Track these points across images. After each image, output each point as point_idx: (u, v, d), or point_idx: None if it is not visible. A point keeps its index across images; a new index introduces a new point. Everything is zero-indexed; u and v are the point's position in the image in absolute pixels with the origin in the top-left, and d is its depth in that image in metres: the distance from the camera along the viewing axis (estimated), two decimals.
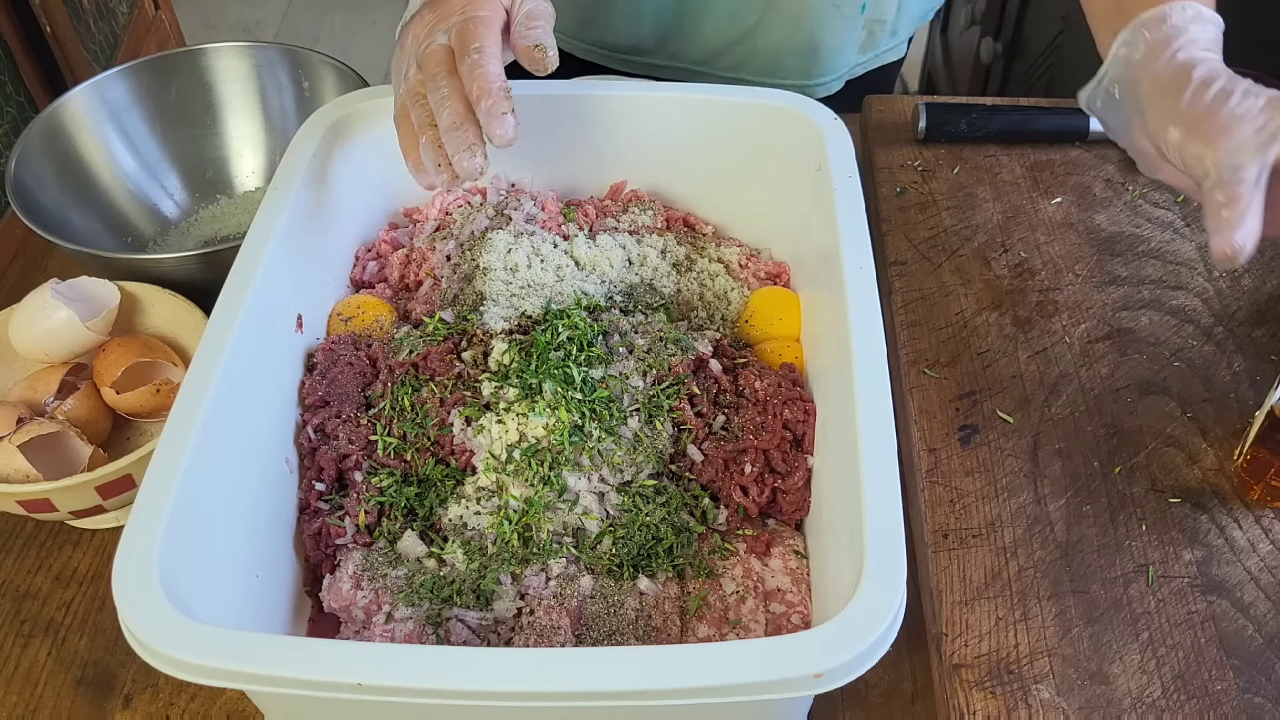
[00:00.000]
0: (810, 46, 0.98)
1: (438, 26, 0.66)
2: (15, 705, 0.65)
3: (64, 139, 0.90)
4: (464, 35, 0.64)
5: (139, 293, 0.79)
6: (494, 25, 0.65)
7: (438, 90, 0.63)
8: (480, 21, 0.64)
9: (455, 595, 0.61)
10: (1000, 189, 0.93)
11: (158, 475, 0.53)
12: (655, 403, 0.66)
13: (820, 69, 1.01)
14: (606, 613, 0.60)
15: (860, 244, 0.65)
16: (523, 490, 0.63)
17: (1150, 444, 0.73)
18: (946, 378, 0.77)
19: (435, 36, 0.66)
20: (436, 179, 0.64)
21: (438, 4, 0.67)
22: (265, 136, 1.00)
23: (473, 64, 0.62)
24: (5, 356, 0.78)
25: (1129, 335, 0.80)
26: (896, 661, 0.66)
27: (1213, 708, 0.60)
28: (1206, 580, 0.65)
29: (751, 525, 0.66)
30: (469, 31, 0.64)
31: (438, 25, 0.66)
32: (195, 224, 0.97)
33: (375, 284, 0.80)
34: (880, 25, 1.01)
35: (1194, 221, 0.89)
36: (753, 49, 0.99)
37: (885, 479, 0.53)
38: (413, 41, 0.67)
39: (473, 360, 0.69)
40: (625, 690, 0.46)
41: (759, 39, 0.98)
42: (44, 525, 0.74)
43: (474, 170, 0.63)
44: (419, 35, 0.67)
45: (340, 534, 0.65)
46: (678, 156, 0.81)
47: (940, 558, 0.67)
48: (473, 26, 0.64)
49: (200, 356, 0.59)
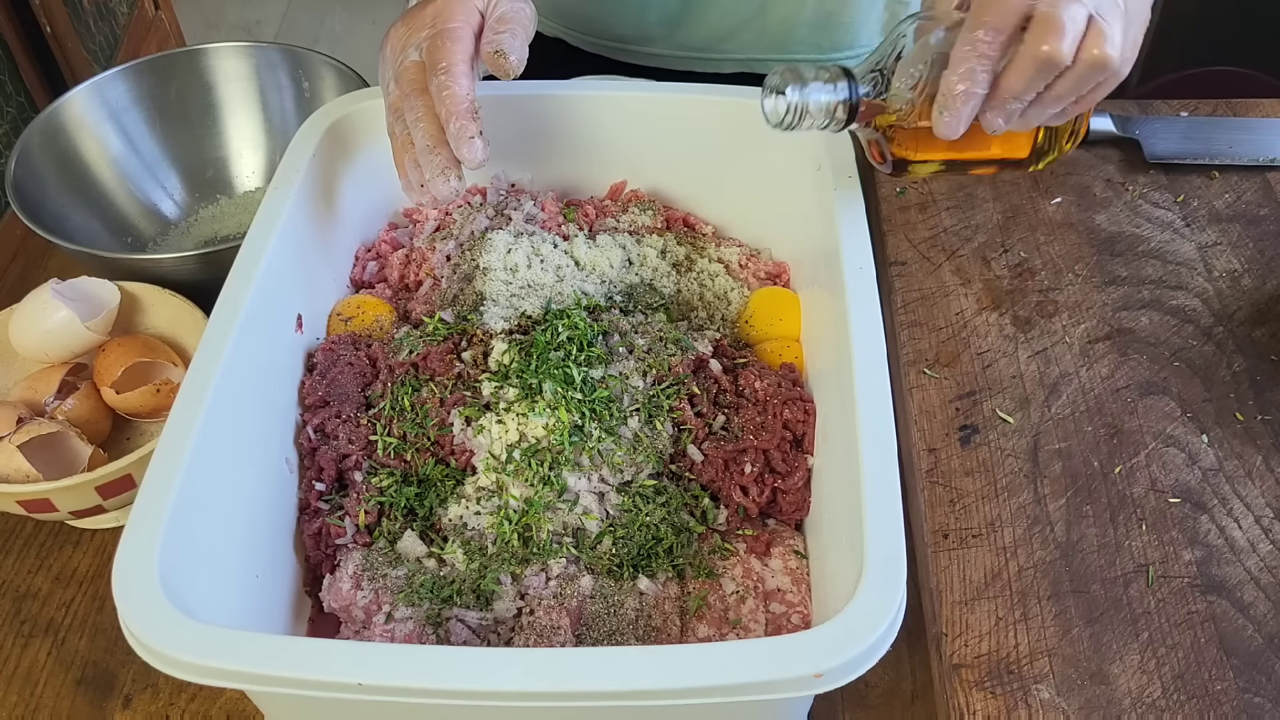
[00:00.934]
0: (822, 17, 0.97)
1: (410, 40, 0.66)
2: (15, 705, 0.65)
3: (64, 139, 0.90)
4: (433, 52, 0.64)
5: (139, 293, 0.79)
6: (463, 37, 0.64)
7: (413, 111, 0.64)
8: (449, 35, 0.64)
9: (455, 595, 0.61)
10: (1000, 189, 0.93)
11: (158, 475, 0.53)
12: (655, 403, 0.66)
13: (834, 41, 1.00)
14: (606, 613, 0.60)
15: (860, 244, 0.65)
16: (523, 490, 0.63)
17: (1150, 444, 0.73)
18: (946, 378, 0.77)
19: (408, 52, 0.66)
20: (422, 198, 0.65)
21: (411, 16, 0.67)
22: (265, 136, 1.00)
23: (440, 85, 0.63)
24: (5, 356, 0.78)
25: (1129, 335, 0.80)
26: (896, 661, 0.66)
27: (1213, 708, 0.60)
28: (1206, 580, 0.65)
29: (751, 525, 0.66)
30: (437, 49, 0.63)
31: (410, 39, 0.66)
32: (195, 224, 0.97)
33: (375, 284, 0.80)
34: (903, 6, 1.00)
35: (1194, 221, 0.89)
36: (762, 27, 0.98)
37: (885, 479, 0.53)
38: (390, 53, 0.67)
39: (473, 360, 0.69)
40: (625, 690, 0.46)
41: (769, 15, 0.97)
42: (44, 525, 0.74)
43: (449, 194, 0.64)
44: (395, 48, 0.67)
45: (340, 534, 0.65)
46: (678, 156, 0.81)
47: (940, 558, 0.67)
48: (441, 43, 0.63)
49: (200, 356, 0.59)
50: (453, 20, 0.65)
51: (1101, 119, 0.96)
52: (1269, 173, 0.93)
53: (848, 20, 0.98)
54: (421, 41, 0.65)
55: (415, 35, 0.66)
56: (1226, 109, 1.00)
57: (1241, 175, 0.93)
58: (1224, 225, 0.89)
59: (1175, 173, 0.94)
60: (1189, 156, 0.94)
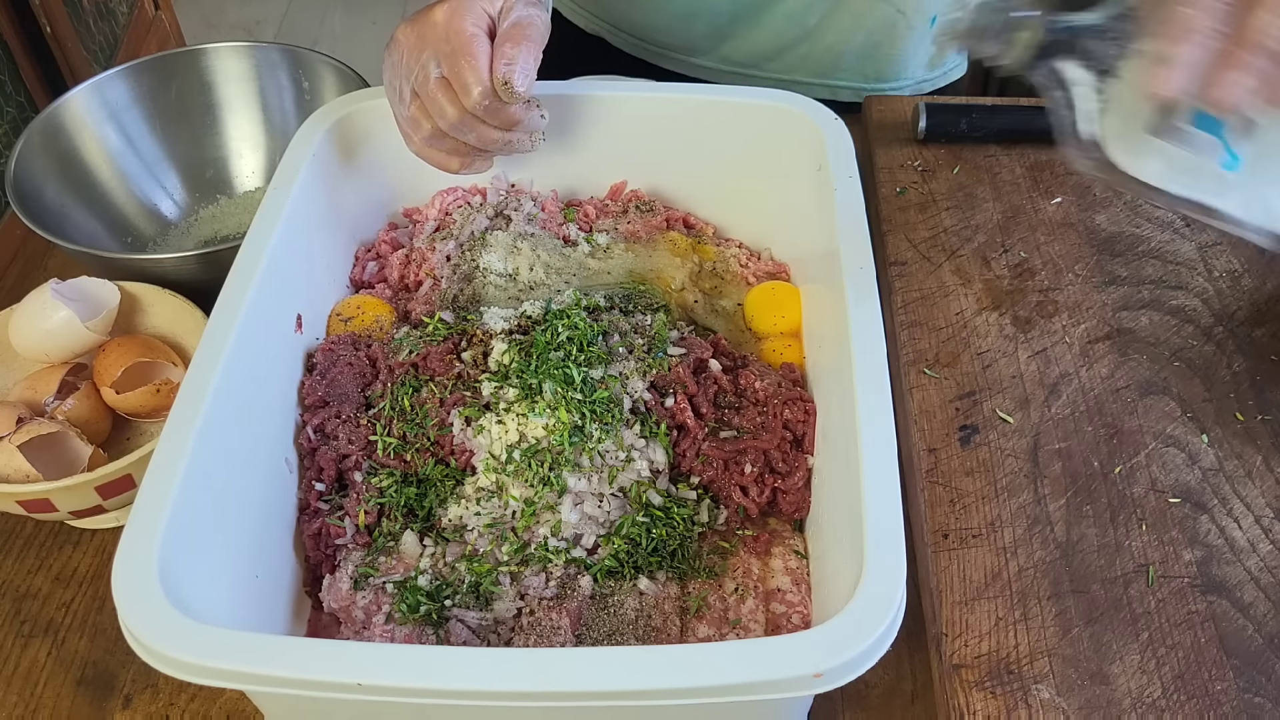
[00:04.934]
0: (869, 48, 0.97)
1: (424, 52, 0.66)
2: (15, 705, 0.65)
3: (64, 139, 0.90)
4: (458, 72, 0.64)
5: (139, 293, 0.79)
6: (482, 49, 0.64)
7: (472, 132, 0.67)
8: (467, 52, 0.64)
9: (455, 595, 0.61)
10: (1000, 189, 0.93)
11: (158, 475, 0.53)
12: (655, 403, 0.66)
13: (880, 73, 1.00)
14: (606, 613, 0.60)
15: (860, 244, 0.65)
16: (523, 490, 0.63)
17: (1150, 444, 0.73)
18: (946, 378, 0.77)
19: (427, 67, 0.65)
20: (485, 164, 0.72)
21: (420, 21, 0.67)
22: (265, 136, 1.00)
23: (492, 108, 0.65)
24: (5, 356, 0.78)
25: (1129, 335, 0.80)
26: (896, 661, 0.66)
27: (1213, 708, 0.60)
28: (1206, 580, 0.65)
29: (751, 525, 0.66)
30: (462, 69, 0.64)
31: (424, 50, 0.66)
32: (195, 224, 0.97)
33: (375, 284, 0.80)
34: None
35: (1194, 221, 0.89)
36: (809, 51, 0.98)
37: (885, 479, 0.53)
38: (404, 62, 0.68)
39: (473, 360, 0.69)
40: (625, 690, 0.46)
41: (817, 40, 0.97)
42: (44, 525, 0.74)
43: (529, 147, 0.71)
44: (409, 55, 0.67)
45: (340, 534, 0.65)
46: (678, 156, 0.81)
47: (940, 558, 0.67)
48: (465, 63, 0.64)
49: (200, 356, 0.59)
50: (466, 27, 0.64)
51: None
52: None
53: (896, 53, 0.98)
54: (441, 57, 0.65)
55: (432, 47, 0.65)
56: None
57: None
58: None
59: None
60: None
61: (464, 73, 0.64)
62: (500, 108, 0.65)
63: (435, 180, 0.81)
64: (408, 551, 0.64)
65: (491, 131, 0.67)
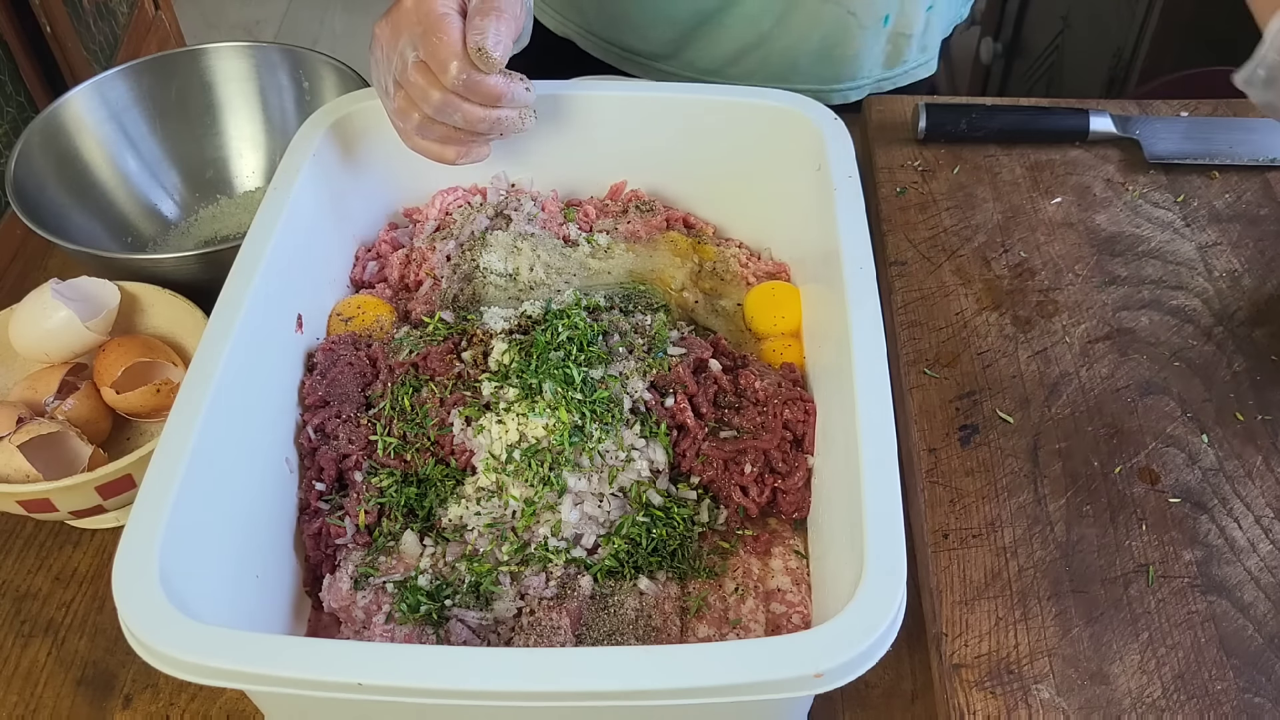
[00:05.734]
0: (824, 50, 0.98)
1: (400, 39, 0.65)
2: (15, 705, 0.65)
3: (64, 139, 0.90)
4: (433, 50, 0.63)
5: (139, 293, 0.79)
6: (454, 25, 0.64)
7: (456, 112, 0.65)
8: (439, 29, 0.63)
9: (455, 595, 0.61)
10: (1000, 189, 0.93)
11: (158, 475, 0.53)
12: (655, 403, 0.66)
13: (836, 74, 1.01)
14: (606, 613, 0.60)
15: (860, 244, 0.65)
16: (523, 490, 0.63)
17: (1150, 444, 0.73)
18: (946, 378, 0.77)
19: (405, 53, 0.65)
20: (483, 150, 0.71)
21: (392, 12, 0.67)
22: (265, 136, 1.00)
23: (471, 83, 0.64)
24: (5, 356, 0.78)
25: (1129, 335, 0.80)
26: (896, 661, 0.66)
27: (1213, 708, 0.60)
28: (1206, 580, 0.65)
29: (751, 525, 0.66)
30: (436, 47, 0.63)
31: (399, 38, 0.66)
32: (195, 224, 0.97)
33: (375, 284, 0.80)
34: (906, 40, 1.01)
35: (1194, 221, 0.89)
36: (767, 55, 0.99)
37: (885, 479, 0.53)
38: (383, 54, 0.68)
39: (473, 360, 0.69)
40: (625, 690, 0.46)
41: (774, 44, 0.98)
42: (44, 525, 0.74)
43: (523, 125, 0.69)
44: (386, 46, 0.67)
45: (340, 534, 0.65)
46: (678, 156, 0.81)
47: (940, 558, 0.67)
48: (438, 40, 0.63)
49: (200, 356, 0.59)
50: (436, 11, 0.64)
51: (1101, 119, 0.96)
52: (1269, 173, 0.93)
53: (851, 54, 0.99)
54: (415, 39, 0.64)
55: (406, 33, 0.65)
56: (1226, 109, 1.00)
57: (1241, 175, 0.93)
58: (1224, 225, 0.89)
59: (1175, 173, 0.94)
60: (1189, 156, 0.94)
61: (438, 50, 0.63)
62: (480, 81, 0.64)
63: (435, 180, 0.81)
64: (408, 551, 0.64)
65: (476, 109, 0.65)
